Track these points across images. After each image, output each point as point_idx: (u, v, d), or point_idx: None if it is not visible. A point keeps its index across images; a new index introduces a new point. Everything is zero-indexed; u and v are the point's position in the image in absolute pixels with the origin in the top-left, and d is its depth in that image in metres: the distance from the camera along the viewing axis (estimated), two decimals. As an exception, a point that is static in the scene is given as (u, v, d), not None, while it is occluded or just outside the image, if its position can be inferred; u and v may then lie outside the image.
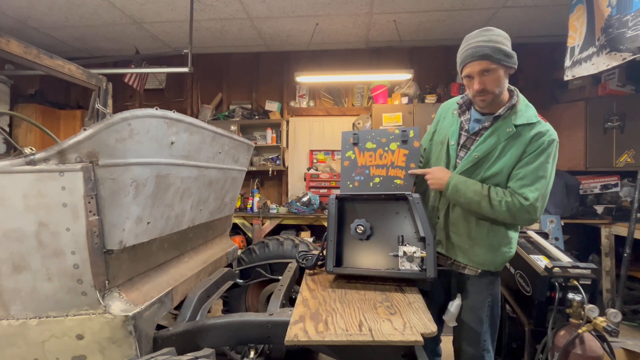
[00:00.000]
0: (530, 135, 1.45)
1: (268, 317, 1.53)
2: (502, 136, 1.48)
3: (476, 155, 1.51)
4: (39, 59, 1.85)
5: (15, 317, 1.33)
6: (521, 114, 1.48)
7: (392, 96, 4.75)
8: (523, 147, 1.45)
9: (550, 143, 1.44)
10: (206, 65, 5.27)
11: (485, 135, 1.52)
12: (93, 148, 1.25)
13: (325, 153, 5.11)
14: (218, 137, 1.89)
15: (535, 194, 1.42)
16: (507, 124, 1.48)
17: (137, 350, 1.36)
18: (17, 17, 4.03)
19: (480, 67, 1.41)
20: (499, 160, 1.48)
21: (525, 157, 1.45)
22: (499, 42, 1.39)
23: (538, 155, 1.43)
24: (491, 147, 1.49)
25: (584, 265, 1.61)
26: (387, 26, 4.28)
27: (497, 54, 1.38)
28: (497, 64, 1.40)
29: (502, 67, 1.41)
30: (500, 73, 1.42)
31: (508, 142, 1.47)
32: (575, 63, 2.85)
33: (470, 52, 1.42)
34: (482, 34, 1.42)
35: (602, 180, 4.07)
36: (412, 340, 1.13)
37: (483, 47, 1.39)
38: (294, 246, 2.55)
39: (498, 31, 1.42)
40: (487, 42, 1.39)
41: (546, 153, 1.43)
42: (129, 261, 1.46)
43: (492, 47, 1.38)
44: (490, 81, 1.42)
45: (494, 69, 1.40)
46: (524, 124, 1.46)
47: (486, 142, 1.51)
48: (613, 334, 1.39)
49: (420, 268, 1.51)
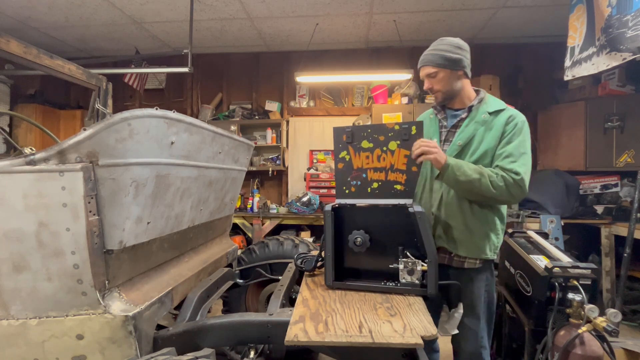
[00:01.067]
0: (504, 118, 1.64)
1: (268, 317, 1.53)
2: (479, 123, 1.66)
3: (459, 143, 1.67)
4: (39, 59, 1.85)
5: (15, 317, 1.33)
6: (491, 103, 1.70)
7: (392, 96, 4.75)
8: (501, 128, 1.62)
9: (523, 123, 1.64)
10: (206, 65, 5.27)
11: (464, 125, 1.70)
12: (93, 148, 1.25)
13: (325, 153, 5.11)
14: (218, 137, 1.89)
15: (523, 168, 1.56)
16: (481, 112, 1.67)
17: (137, 350, 1.36)
18: (17, 17, 4.04)
19: (426, 72, 1.71)
20: (481, 144, 1.64)
21: (505, 137, 1.62)
22: (444, 50, 1.65)
23: (517, 134, 1.60)
24: (471, 134, 1.66)
25: (584, 265, 1.61)
26: (387, 26, 4.27)
27: (438, 60, 1.66)
28: (439, 67, 1.66)
29: (444, 69, 1.66)
30: (443, 75, 1.67)
31: (486, 127, 1.65)
32: (575, 63, 2.85)
33: (420, 59, 1.73)
34: (433, 45, 1.71)
35: (602, 180, 4.07)
36: (412, 343, 1.12)
37: (428, 55, 1.70)
38: (294, 246, 2.55)
39: (448, 40, 1.69)
40: (432, 51, 1.68)
41: (523, 132, 1.62)
42: (129, 261, 1.46)
43: (435, 54, 1.66)
44: (436, 82, 1.69)
45: (437, 72, 1.67)
46: (496, 110, 1.67)
47: (466, 130, 1.68)
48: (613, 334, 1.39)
49: (421, 282, 1.50)
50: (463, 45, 1.69)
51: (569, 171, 4.04)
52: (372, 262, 1.62)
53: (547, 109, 4.53)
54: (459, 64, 1.66)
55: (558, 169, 4.13)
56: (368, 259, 1.62)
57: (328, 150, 5.11)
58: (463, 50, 1.68)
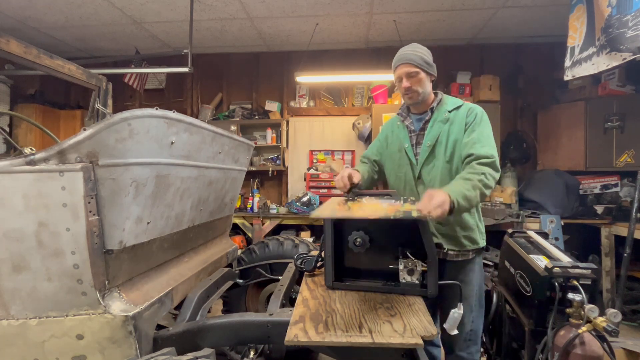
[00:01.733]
0: (463, 112, 1.75)
1: (268, 317, 1.53)
2: (442, 121, 1.77)
3: (428, 144, 1.77)
4: (39, 59, 1.85)
5: (15, 317, 1.33)
6: (449, 103, 1.81)
7: (392, 96, 4.75)
8: (463, 121, 1.73)
9: (482, 113, 1.75)
10: (206, 65, 5.27)
11: (429, 126, 1.80)
12: (93, 148, 1.25)
13: (325, 153, 5.11)
14: (218, 137, 1.89)
15: (493, 150, 1.65)
16: (442, 112, 1.78)
17: (137, 350, 1.36)
18: (17, 17, 4.03)
19: (406, 70, 1.73)
20: (449, 139, 1.74)
21: (469, 127, 1.72)
22: (422, 53, 1.75)
23: (478, 123, 1.71)
24: (437, 133, 1.76)
25: (584, 265, 1.61)
26: (387, 26, 4.27)
27: (419, 61, 1.73)
28: (419, 68, 1.72)
29: (423, 71, 1.73)
30: (422, 76, 1.74)
31: (449, 124, 1.75)
32: (575, 63, 2.85)
33: (399, 57, 1.77)
34: (409, 47, 1.78)
35: (602, 180, 4.07)
36: (412, 343, 1.12)
37: (408, 54, 1.75)
38: (294, 246, 2.55)
39: (422, 47, 1.79)
40: (412, 52, 1.75)
41: (483, 121, 1.72)
42: (129, 261, 1.46)
43: (416, 55, 1.74)
44: (415, 82, 1.73)
45: (417, 72, 1.72)
46: (454, 108, 1.77)
47: (432, 130, 1.78)
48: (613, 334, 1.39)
49: (421, 282, 1.51)
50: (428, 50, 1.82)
51: (569, 171, 4.04)
52: (371, 263, 1.61)
53: (547, 109, 4.53)
54: (433, 70, 1.78)
55: (558, 169, 4.13)
56: (368, 259, 1.62)
57: (328, 150, 5.11)
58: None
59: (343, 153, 5.09)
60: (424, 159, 1.78)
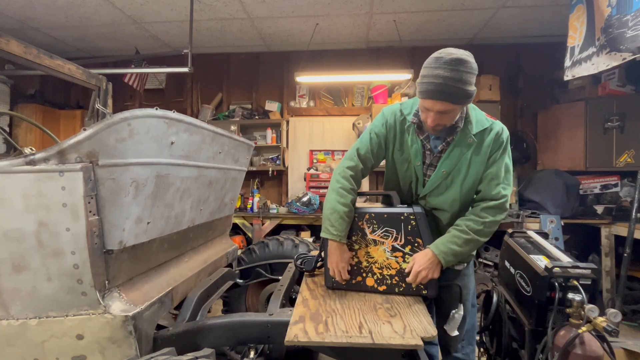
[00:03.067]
0: (490, 138, 1.51)
1: (268, 317, 1.53)
2: (465, 148, 1.51)
3: (444, 171, 1.54)
4: (39, 59, 1.85)
5: (15, 317, 1.33)
6: (475, 121, 1.52)
7: (392, 96, 4.75)
8: (487, 150, 1.51)
9: (507, 139, 1.54)
10: (206, 65, 5.27)
11: (448, 151, 1.54)
12: (93, 148, 1.24)
13: (325, 153, 5.11)
14: (218, 137, 1.89)
15: (508, 189, 1.52)
16: (467, 135, 1.50)
17: (137, 350, 1.36)
18: (17, 17, 4.03)
19: (441, 108, 1.36)
20: (469, 172, 1.53)
21: (491, 157, 1.52)
22: (467, 82, 1.32)
23: (502, 154, 1.52)
24: (457, 160, 1.53)
25: (584, 265, 1.61)
26: (387, 26, 4.27)
27: (460, 96, 1.33)
28: (457, 104, 1.37)
29: (461, 106, 1.41)
30: (457, 110, 1.42)
31: (473, 152, 1.51)
32: (575, 63, 2.84)
33: (435, 87, 1.33)
34: (455, 68, 1.29)
35: (602, 180, 4.07)
36: (412, 344, 1.13)
37: (451, 87, 1.31)
38: (294, 246, 2.55)
39: (471, 64, 1.32)
40: (456, 83, 1.30)
41: (507, 150, 1.54)
42: (129, 261, 1.46)
43: (459, 88, 1.31)
44: (447, 119, 1.42)
45: (453, 109, 1.38)
46: (480, 130, 1.51)
47: (451, 155, 1.53)
48: (613, 334, 1.39)
49: (423, 285, 1.53)
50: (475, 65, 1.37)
51: (569, 171, 4.04)
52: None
53: (547, 109, 4.53)
54: (473, 95, 1.39)
55: (558, 169, 4.13)
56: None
57: (328, 150, 5.11)
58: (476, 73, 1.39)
59: (343, 153, 5.08)
60: (435, 185, 1.58)
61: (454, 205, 1.59)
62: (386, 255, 1.56)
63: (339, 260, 1.54)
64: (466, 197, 1.57)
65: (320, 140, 5.11)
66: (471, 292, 1.78)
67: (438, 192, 1.59)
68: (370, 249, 1.59)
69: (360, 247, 1.60)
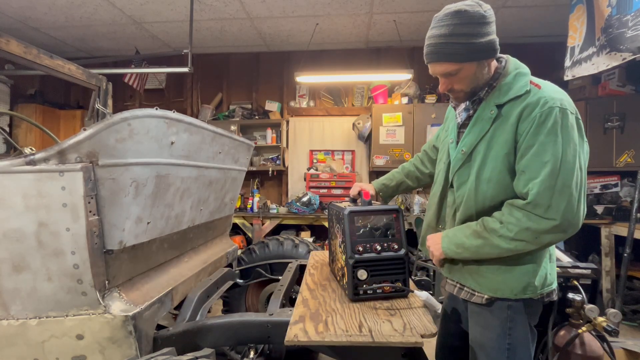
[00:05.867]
0: (517, 112, 1.11)
1: (268, 317, 1.53)
2: (485, 122, 1.17)
3: (463, 150, 1.23)
4: (39, 59, 1.85)
5: (15, 317, 1.33)
6: (507, 88, 1.16)
7: (392, 96, 4.75)
8: (512, 129, 1.12)
9: (547, 114, 1.07)
10: (206, 65, 5.27)
11: (470, 125, 1.23)
12: (93, 148, 1.25)
13: (325, 153, 5.11)
14: (218, 137, 1.89)
15: (538, 185, 1.05)
16: (489, 106, 1.17)
17: (137, 350, 1.36)
18: (17, 17, 4.03)
19: (441, 70, 1.17)
20: (490, 153, 1.17)
21: (523, 143, 1.10)
22: (465, 34, 1.08)
23: (535, 134, 1.08)
24: (478, 137, 1.19)
25: (584, 265, 1.61)
26: (387, 26, 4.27)
27: (459, 52, 1.10)
28: (460, 63, 1.13)
29: (471, 63, 1.14)
30: (469, 70, 1.15)
31: (495, 129, 1.16)
32: (575, 63, 2.85)
33: (428, 49, 1.16)
34: (447, 24, 1.10)
35: (602, 180, 4.07)
36: (412, 342, 1.12)
37: (443, 44, 1.11)
38: (294, 246, 2.55)
39: (470, 14, 1.08)
40: (449, 38, 1.10)
41: (545, 128, 1.06)
42: (129, 261, 1.46)
43: (455, 43, 1.09)
44: (457, 80, 1.18)
45: (457, 69, 1.15)
46: (510, 99, 1.14)
47: (472, 131, 1.22)
48: (613, 334, 1.39)
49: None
50: (487, 12, 1.11)
51: (569, 171, 4.04)
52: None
53: (547, 109, 4.52)
54: (491, 49, 1.13)
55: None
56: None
57: (328, 150, 5.11)
58: (489, 21, 1.12)
59: (343, 153, 5.09)
60: (456, 168, 1.27)
61: (477, 201, 1.20)
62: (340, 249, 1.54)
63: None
64: (489, 190, 1.17)
65: (320, 140, 5.12)
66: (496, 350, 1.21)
67: (461, 179, 1.25)
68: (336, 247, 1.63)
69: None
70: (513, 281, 1.17)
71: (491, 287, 1.20)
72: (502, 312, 1.19)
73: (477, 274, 1.23)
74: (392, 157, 4.51)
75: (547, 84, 1.17)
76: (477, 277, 1.23)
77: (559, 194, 1.05)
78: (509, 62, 1.24)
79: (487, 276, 1.21)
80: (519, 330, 1.19)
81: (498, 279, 1.19)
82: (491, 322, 1.22)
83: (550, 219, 1.05)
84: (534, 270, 1.17)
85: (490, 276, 1.20)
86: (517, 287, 1.16)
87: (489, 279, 1.20)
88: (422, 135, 4.43)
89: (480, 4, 1.12)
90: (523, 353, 1.19)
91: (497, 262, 1.18)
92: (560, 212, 1.05)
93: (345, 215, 1.44)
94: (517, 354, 1.19)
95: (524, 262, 1.17)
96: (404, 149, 4.49)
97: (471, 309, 1.29)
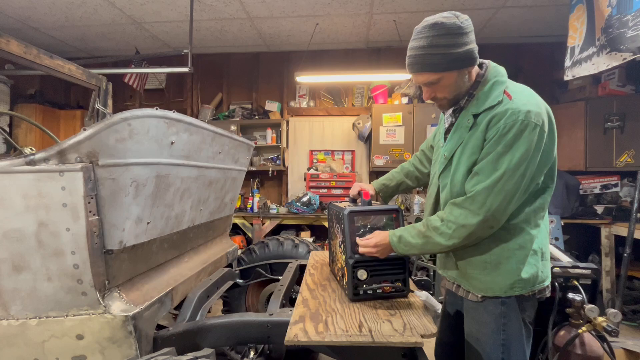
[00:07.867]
0: (486, 120, 1.18)
1: (268, 317, 1.53)
2: (464, 131, 1.25)
3: (445, 155, 1.32)
4: (39, 59, 1.85)
5: (15, 317, 1.33)
6: (485, 97, 1.21)
7: (392, 96, 4.75)
8: (482, 136, 1.19)
9: (510, 126, 1.12)
10: (206, 65, 5.27)
11: (452, 132, 1.31)
12: (93, 148, 1.25)
13: (325, 153, 5.11)
14: (218, 137, 1.89)
15: (480, 187, 1.15)
16: (468, 115, 1.25)
17: (137, 350, 1.36)
18: (17, 17, 4.03)
19: (422, 79, 1.24)
20: (462, 159, 1.25)
21: (484, 149, 1.18)
22: (442, 45, 1.15)
23: (496, 144, 1.15)
24: (457, 143, 1.27)
25: (584, 265, 1.61)
26: (387, 26, 4.28)
27: (437, 62, 1.17)
28: (441, 72, 1.19)
29: (451, 72, 1.20)
30: (450, 79, 1.21)
31: (470, 136, 1.23)
32: (576, 63, 2.85)
33: (409, 60, 1.23)
34: (425, 35, 1.17)
35: (602, 180, 4.07)
36: (412, 342, 1.12)
37: (422, 56, 1.18)
38: (294, 246, 2.55)
39: (447, 26, 1.14)
40: (426, 50, 1.17)
41: (505, 139, 1.13)
42: (129, 261, 1.46)
43: (433, 54, 1.16)
44: (440, 89, 1.25)
45: (438, 79, 1.21)
46: (486, 109, 1.20)
47: (452, 138, 1.30)
48: (613, 334, 1.39)
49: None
50: (464, 23, 1.17)
51: (569, 171, 4.04)
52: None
53: (547, 109, 4.53)
54: (469, 57, 1.18)
55: (558, 169, 4.12)
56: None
57: (328, 150, 5.11)
58: (466, 32, 1.17)
59: (343, 153, 5.09)
60: (440, 171, 1.35)
61: None
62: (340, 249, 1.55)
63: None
64: (461, 192, 1.26)
65: (320, 140, 5.12)
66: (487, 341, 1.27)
67: (444, 182, 1.33)
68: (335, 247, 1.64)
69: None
70: (500, 280, 1.24)
71: (482, 287, 1.27)
72: (495, 309, 1.25)
73: (467, 276, 1.31)
74: (392, 157, 4.51)
75: (520, 94, 1.21)
76: (469, 279, 1.31)
77: (495, 195, 1.15)
78: (488, 69, 1.27)
79: (476, 277, 1.28)
80: (513, 326, 1.25)
81: (487, 279, 1.25)
82: (486, 319, 1.27)
83: (481, 214, 1.16)
84: (518, 268, 1.23)
85: (479, 277, 1.27)
86: (505, 285, 1.23)
87: (479, 280, 1.27)
88: (422, 135, 4.43)
89: (458, 15, 1.18)
90: (517, 348, 1.25)
91: (480, 266, 1.26)
92: (491, 210, 1.15)
93: (345, 215, 1.45)
94: (511, 350, 1.24)
95: (506, 262, 1.23)
96: (404, 149, 4.50)
97: (467, 306, 1.35)
